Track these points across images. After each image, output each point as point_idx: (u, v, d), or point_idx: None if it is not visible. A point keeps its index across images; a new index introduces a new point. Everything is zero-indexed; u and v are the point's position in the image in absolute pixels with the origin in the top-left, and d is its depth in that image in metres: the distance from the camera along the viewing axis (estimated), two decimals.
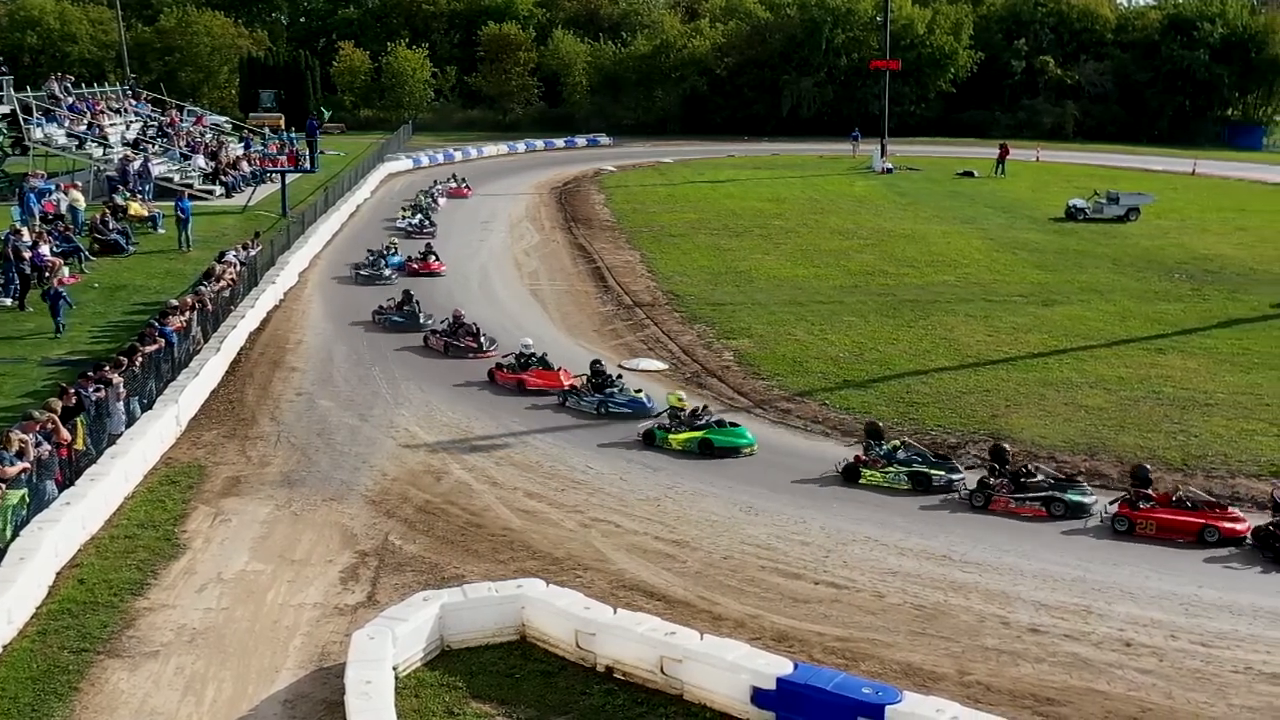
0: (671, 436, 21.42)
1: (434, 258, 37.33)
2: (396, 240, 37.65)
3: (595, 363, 24.82)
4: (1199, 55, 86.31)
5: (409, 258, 37.44)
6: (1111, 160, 70.79)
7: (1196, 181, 62.10)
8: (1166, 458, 20.69)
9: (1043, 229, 45.35)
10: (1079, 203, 47.63)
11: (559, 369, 24.98)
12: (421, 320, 29.75)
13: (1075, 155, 73.36)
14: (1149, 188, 52.94)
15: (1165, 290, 34.45)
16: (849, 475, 20.04)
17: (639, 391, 23.94)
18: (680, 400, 22.25)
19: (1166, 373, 25.80)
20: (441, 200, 50.39)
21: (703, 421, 21.68)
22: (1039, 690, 13.36)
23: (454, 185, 54.11)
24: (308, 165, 53.45)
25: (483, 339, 27.83)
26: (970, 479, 19.64)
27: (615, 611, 13.92)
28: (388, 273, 35.44)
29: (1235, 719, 12.85)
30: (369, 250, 37.43)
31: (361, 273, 35.57)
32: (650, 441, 21.74)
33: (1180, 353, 27.50)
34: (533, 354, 25.37)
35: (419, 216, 44.98)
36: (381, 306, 30.72)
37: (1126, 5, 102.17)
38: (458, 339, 27.78)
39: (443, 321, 28.93)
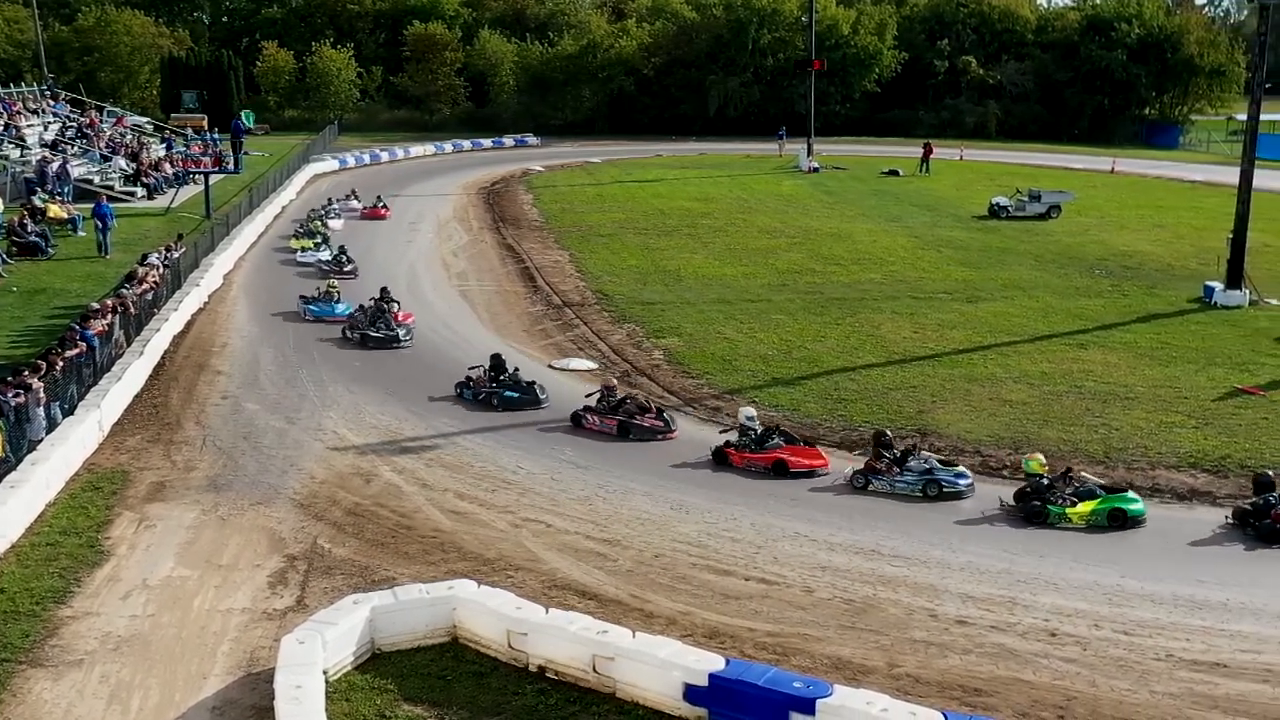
0: (1071, 510, 18.30)
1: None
2: (337, 285, 32.28)
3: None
4: (1117, 55, 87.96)
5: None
6: (1033, 159, 71.85)
7: (1115, 179, 63.21)
8: (1089, 450, 21.05)
9: (967, 227, 45.93)
10: (1002, 200, 48.30)
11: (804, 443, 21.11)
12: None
13: (998, 154, 74.40)
14: (1069, 185, 53.88)
15: (1086, 286, 35.03)
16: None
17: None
18: (1042, 465, 19.20)
19: (1088, 367, 26.25)
20: (336, 222, 44.39)
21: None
22: (967, 681, 13.54)
23: (363, 205, 48.48)
24: (231, 166, 52.74)
25: (666, 417, 22.78)
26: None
27: (547, 611, 13.90)
28: (340, 309, 30.94)
29: (1157, 706, 13.09)
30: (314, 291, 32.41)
31: (311, 308, 31.17)
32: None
33: (1101, 347, 27.98)
34: (774, 429, 21.17)
35: (326, 250, 38.59)
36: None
37: (1046, 6, 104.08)
38: (630, 416, 22.44)
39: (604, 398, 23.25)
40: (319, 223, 42.70)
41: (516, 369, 24.87)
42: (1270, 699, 13.22)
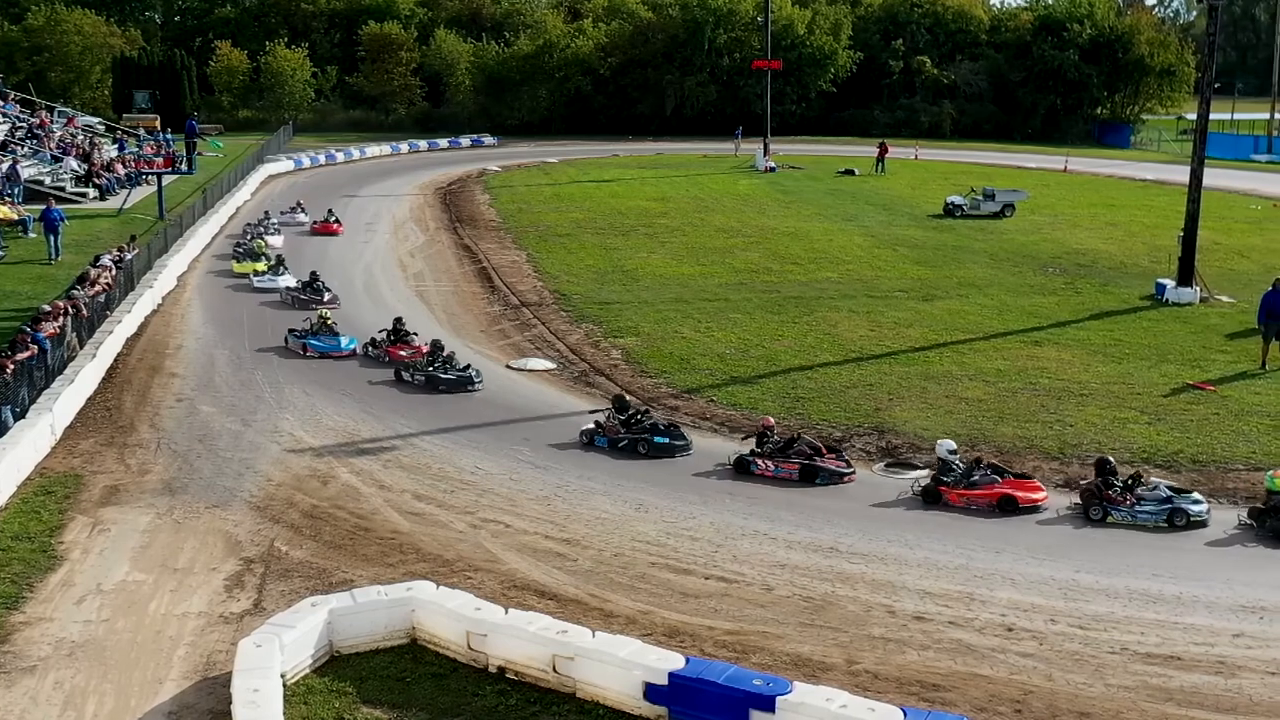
0: None
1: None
2: (329, 315, 28.59)
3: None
4: (1069, 56, 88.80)
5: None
6: (987, 158, 72.45)
7: (1068, 178, 63.82)
8: (1044, 447, 21.24)
9: (922, 226, 46.22)
10: (957, 199, 48.66)
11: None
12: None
13: (952, 153, 74.98)
14: (1023, 184, 54.35)
15: (1040, 284, 35.34)
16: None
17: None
18: None
19: (1042, 364, 26.47)
20: (276, 239, 40.15)
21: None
22: (925, 677, 13.62)
23: (312, 219, 44.86)
24: (185, 167, 52.27)
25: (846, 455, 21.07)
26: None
27: (507, 612, 13.86)
28: (346, 342, 27.64)
29: (1112, 699, 13.22)
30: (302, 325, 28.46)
31: (313, 343, 27.48)
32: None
33: (1055, 345, 28.23)
34: (978, 461, 19.67)
35: (287, 274, 34.16)
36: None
37: (999, 7, 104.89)
38: (809, 458, 20.36)
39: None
40: (261, 241, 38.24)
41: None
42: (1223, 690, 13.38)
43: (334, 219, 44.61)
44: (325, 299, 31.65)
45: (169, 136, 62.26)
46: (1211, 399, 23.91)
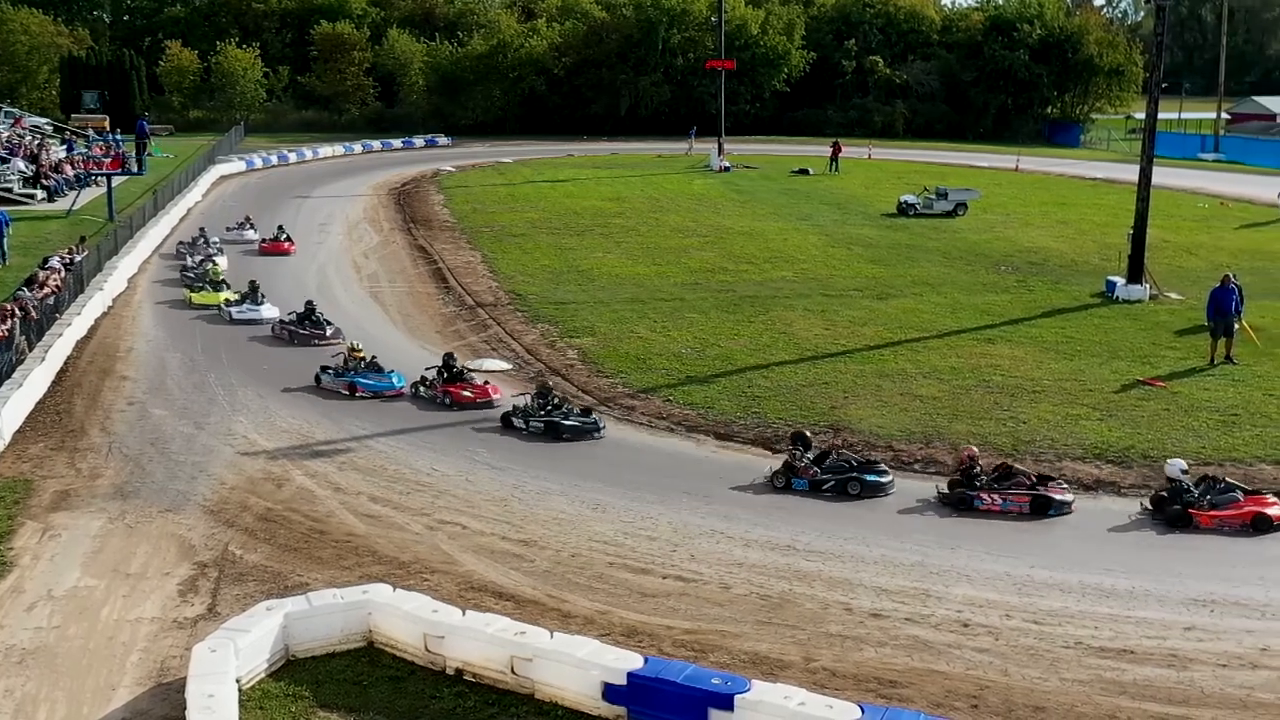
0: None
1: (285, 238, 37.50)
2: (360, 347, 25.48)
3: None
4: (1019, 56, 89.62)
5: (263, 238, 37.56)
6: (939, 157, 72.92)
7: (1020, 177, 64.35)
8: (998, 444, 21.38)
9: (876, 224, 46.46)
10: (910, 198, 48.95)
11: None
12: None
13: (905, 152, 75.45)
14: (975, 183, 54.73)
15: (993, 282, 35.61)
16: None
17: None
18: None
19: (996, 362, 26.68)
20: (221, 260, 36.08)
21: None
22: (882, 673, 13.69)
23: (261, 237, 41.16)
24: (135, 168, 51.73)
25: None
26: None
27: (464, 613, 13.82)
28: (398, 379, 24.96)
29: (1067, 693, 13.34)
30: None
31: (363, 381, 24.67)
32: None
33: (1008, 342, 28.46)
34: (1217, 480, 18.80)
35: (266, 304, 30.73)
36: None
37: (951, 7, 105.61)
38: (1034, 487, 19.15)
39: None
40: (214, 265, 34.48)
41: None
42: (1174, 683, 13.54)
43: (285, 236, 40.32)
44: (328, 333, 28.31)
45: (118, 137, 61.63)
46: (1162, 395, 24.18)
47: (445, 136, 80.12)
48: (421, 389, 24.36)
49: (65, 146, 55.52)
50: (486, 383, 24.34)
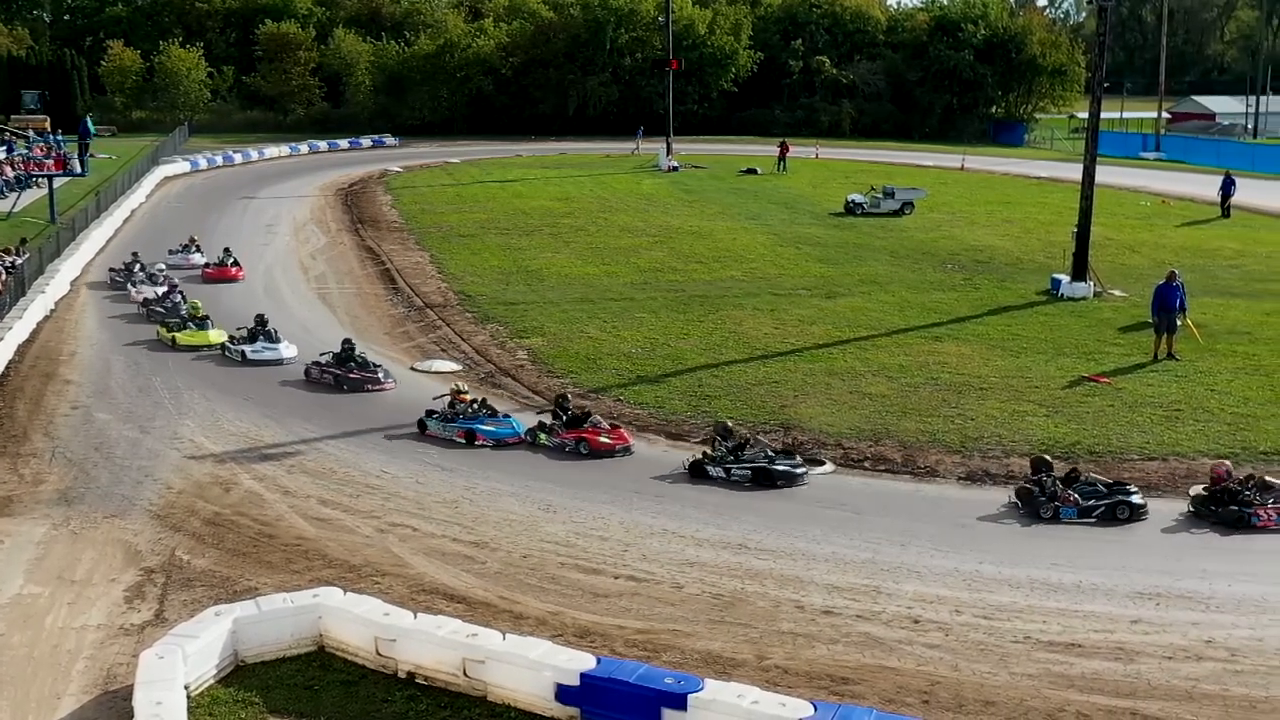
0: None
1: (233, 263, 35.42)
2: (463, 387, 23.13)
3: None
4: (964, 56, 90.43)
5: (207, 264, 35.61)
6: (886, 156, 73.37)
7: (965, 176, 64.87)
8: (946, 441, 21.56)
9: (823, 224, 46.69)
10: (857, 198, 49.23)
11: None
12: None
13: (852, 152, 75.90)
14: (922, 183, 55.18)
15: (940, 280, 35.88)
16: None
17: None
18: None
19: (943, 359, 26.89)
20: (157, 288, 32.45)
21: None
22: (834, 670, 13.75)
23: (206, 261, 37.13)
24: (77, 169, 51.08)
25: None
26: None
27: (415, 616, 13.75)
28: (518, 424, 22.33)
29: (1016, 687, 13.46)
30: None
31: (483, 429, 21.89)
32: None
33: (955, 340, 28.68)
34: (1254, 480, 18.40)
35: (285, 344, 27.31)
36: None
37: (896, 7, 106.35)
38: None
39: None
40: (194, 303, 29.66)
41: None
42: (1122, 676, 13.69)
43: (232, 261, 36.57)
44: (381, 376, 25.29)
45: (60, 138, 60.83)
46: (1106, 391, 24.46)
47: (392, 137, 79.74)
48: (542, 435, 21.66)
49: (5, 148, 54.71)
50: (616, 426, 21.81)
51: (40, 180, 48.15)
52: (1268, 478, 18.83)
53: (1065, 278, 33.62)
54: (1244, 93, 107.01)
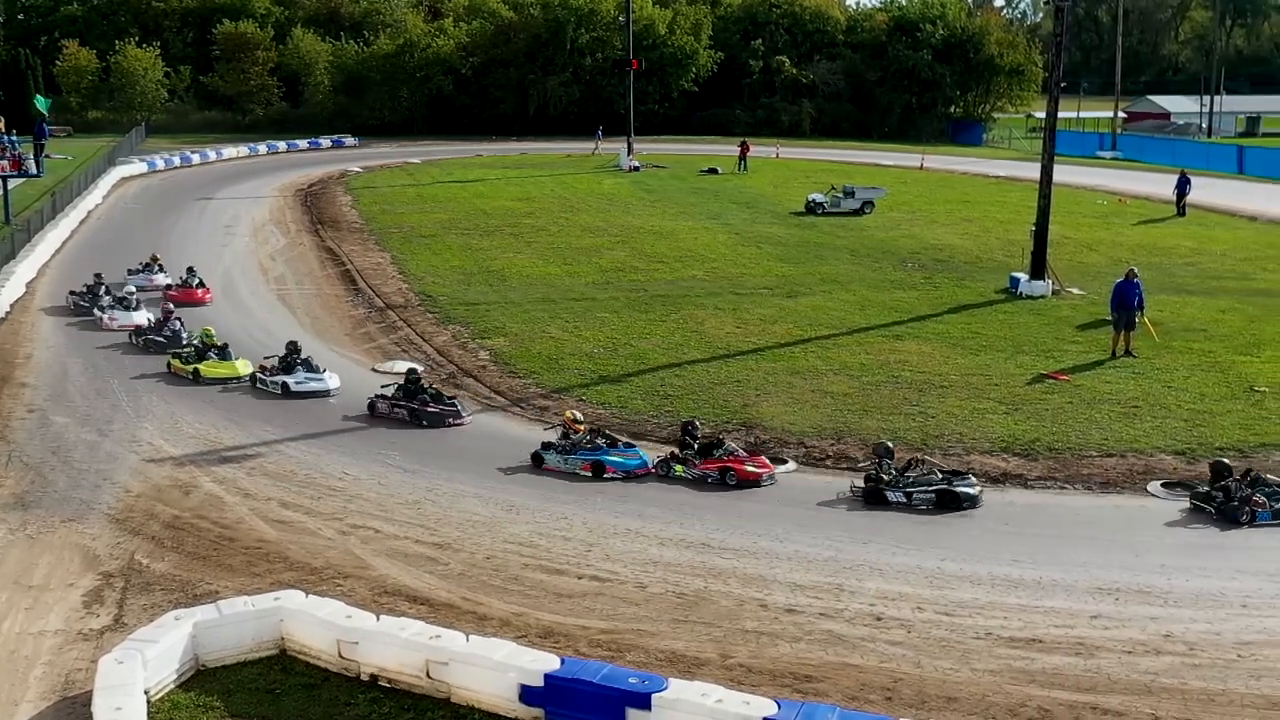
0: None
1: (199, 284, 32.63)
2: (579, 415, 21.64)
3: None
4: (923, 56, 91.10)
5: (169, 285, 32.43)
6: (846, 155, 73.74)
7: (925, 176, 65.25)
8: (908, 438, 21.65)
9: (784, 223, 46.84)
10: (817, 197, 49.42)
11: None
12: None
13: (812, 151, 76.23)
14: (881, 182, 55.44)
15: (900, 279, 36.06)
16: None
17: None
18: None
19: (904, 358, 27.02)
20: (137, 313, 30.00)
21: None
22: (797, 669, 13.79)
23: (170, 281, 33.93)
24: (33, 169, 50.47)
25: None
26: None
27: (378, 618, 13.68)
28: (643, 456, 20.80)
29: (978, 683, 13.54)
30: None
31: (613, 460, 20.44)
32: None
33: (916, 338, 28.83)
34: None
35: (329, 374, 25.17)
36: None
37: (855, 7, 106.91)
38: None
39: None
40: (208, 330, 27.05)
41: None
42: (1083, 671, 13.80)
43: (198, 282, 33.50)
44: (458, 407, 23.25)
45: (14, 138, 60.06)
46: (1065, 388, 24.65)
47: (352, 137, 79.48)
48: (679, 467, 20.15)
49: None
50: (756, 452, 20.58)
51: None
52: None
53: (1024, 276, 33.87)
54: (1198, 92, 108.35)
